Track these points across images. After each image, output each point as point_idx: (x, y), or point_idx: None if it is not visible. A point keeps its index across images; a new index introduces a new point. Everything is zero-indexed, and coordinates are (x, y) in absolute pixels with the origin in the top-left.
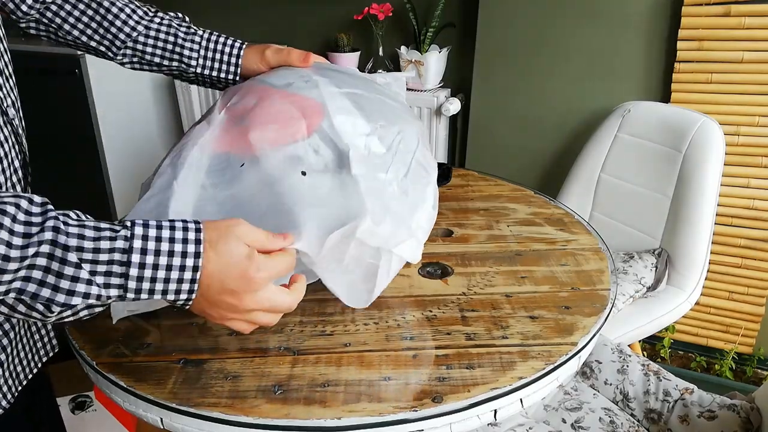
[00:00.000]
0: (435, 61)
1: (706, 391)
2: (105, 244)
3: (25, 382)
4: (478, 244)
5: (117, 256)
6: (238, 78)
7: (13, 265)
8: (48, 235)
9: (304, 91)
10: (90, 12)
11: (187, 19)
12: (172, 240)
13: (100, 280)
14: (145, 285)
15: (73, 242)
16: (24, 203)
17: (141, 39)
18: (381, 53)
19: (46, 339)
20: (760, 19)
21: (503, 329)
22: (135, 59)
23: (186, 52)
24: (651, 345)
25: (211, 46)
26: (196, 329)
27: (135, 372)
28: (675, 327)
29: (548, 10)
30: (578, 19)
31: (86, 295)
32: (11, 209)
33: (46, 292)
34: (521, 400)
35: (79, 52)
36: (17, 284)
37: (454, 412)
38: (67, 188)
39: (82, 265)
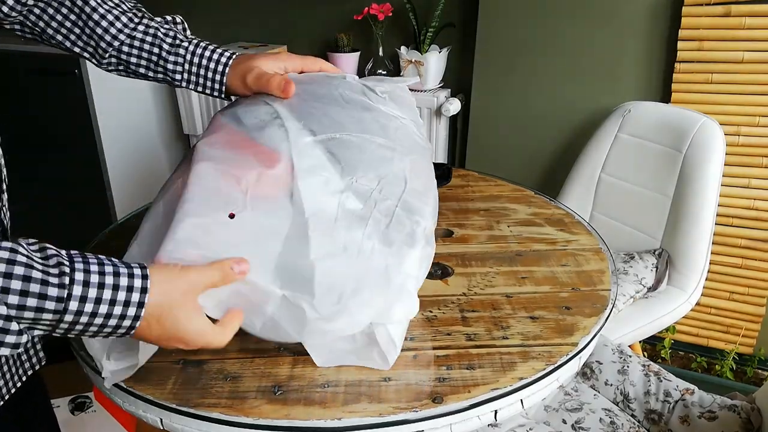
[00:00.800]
0: (435, 61)
1: (706, 392)
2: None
3: (7, 397)
4: (478, 245)
5: (52, 292)
6: (223, 95)
7: None
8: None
9: (272, 142)
10: (72, 17)
11: (179, 20)
12: (115, 287)
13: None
14: (78, 327)
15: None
16: None
17: (125, 49)
18: (381, 53)
19: (32, 351)
20: (761, 19)
21: (503, 330)
22: (120, 67)
23: (170, 66)
24: (651, 345)
25: (196, 60)
26: None
27: (135, 372)
28: (675, 327)
29: (548, 10)
30: (578, 19)
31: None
32: None
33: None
34: (522, 400)
35: None
36: None
37: (455, 412)
38: (66, 188)
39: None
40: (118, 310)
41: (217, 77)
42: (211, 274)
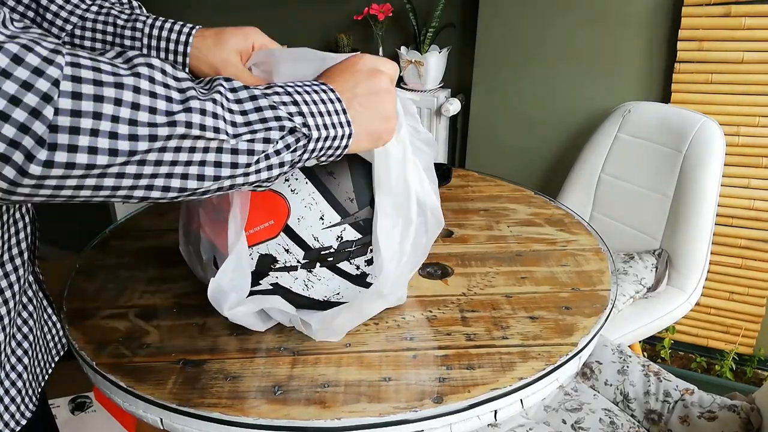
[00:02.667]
0: (435, 61)
1: (706, 392)
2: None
3: (43, 384)
4: (478, 245)
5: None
6: (187, 70)
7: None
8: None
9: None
10: (23, 3)
11: (135, 4)
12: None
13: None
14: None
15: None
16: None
17: (78, 32)
18: (381, 54)
19: (57, 338)
20: (760, 20)
21: (503, 330)
22: (86, 42)
23: (127, 42)
24: (651, 345)
25: (155, 32)
26: (195, 330)
27: (135, 372)
28: (675, 328)
29: (548, 10)
30: (578, 19)
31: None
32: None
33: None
34: (521, 400)
35: None
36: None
37: (455, 412)
38: None
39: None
40: (318, 94)
41: (180, 48)
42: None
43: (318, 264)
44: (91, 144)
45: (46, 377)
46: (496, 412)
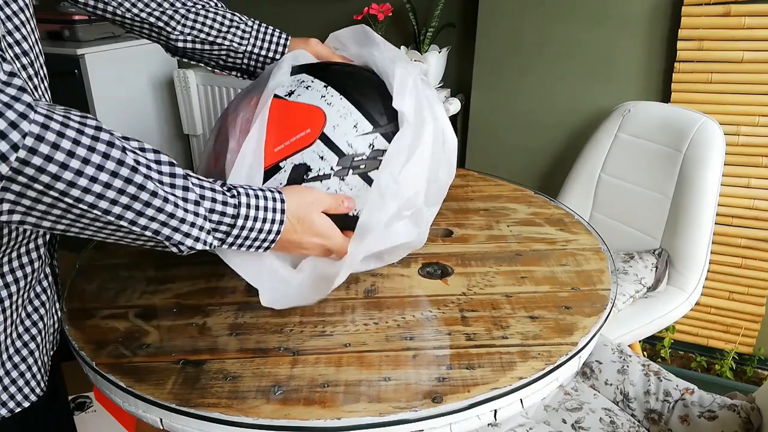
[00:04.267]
0: (435, 61)
1: (706, 392)
2: (219, 207)
3: (48, 367)
4: (478, 245)
5: (227, 220)
6: None
7: (157, 203)
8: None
9: (304, 98)
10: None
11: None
12: (265, 209)
13: (216, 235)
14: (239, 241)
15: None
16: (151, 155)
17: (201, 12)
18: None
19: (56, 327)
20: (760, 19)
21: (503, 329)
22: (189, 38)
23: (239, 32)
24: (651, 345)
25: (261, 28)
26: (195, 330)
27: (134, 372)
28: (675, 327)
29: (548, 10)
30: (578, 19)
31: (197, 240)
32: (151, 155)
33: (177, 237)
34: (521, 400)
35: (79, 52)
36: (154, 225)
37: (454, 412)
38: None
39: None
40: (269, 215)
41: (280, 49)
42: (329, 199)
43: (350, 171)
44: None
45: (48, 364)
46: (495, 411)
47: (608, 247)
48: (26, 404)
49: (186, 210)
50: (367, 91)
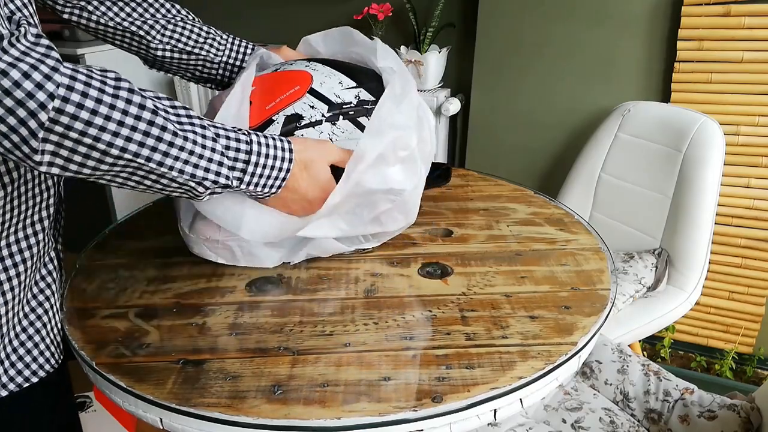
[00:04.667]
0: (435, 61)
1: (706, 391)
2: (234, 144)
3: (60, 347)
4: (477, 244)
5: (242, 156)
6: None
7: (178, 142)
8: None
9: (293, 67)
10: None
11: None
12: (275, 147)
13: (234, 173)
14: (254, 179)
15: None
16: (166, 101)
17: (180, 24)
18: None
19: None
20: (760, 19)
21: (503, 329)
22: (168, 47)
23: (215, 44)
24: (651, 345)
25: (236, 41)
26: (195, 329)
27: (134, 372)
28: (675, 327)
29: (548, 10)
30: (578, 19)
31: (227, 179)
32: (166, 101)
33: (200, 173)
34: (521, 400)
35: (79, 52)
36: (179, 164)
37: (454, 411)
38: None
39: (224, 155)
40: (279, 154)
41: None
42: (337, 151)
43: (341, 117)
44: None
45: (62, 356)
46: (495, 411)
47: (608, 247)
48: (35, 380)
49: (204, 146)
50: (348, 64)
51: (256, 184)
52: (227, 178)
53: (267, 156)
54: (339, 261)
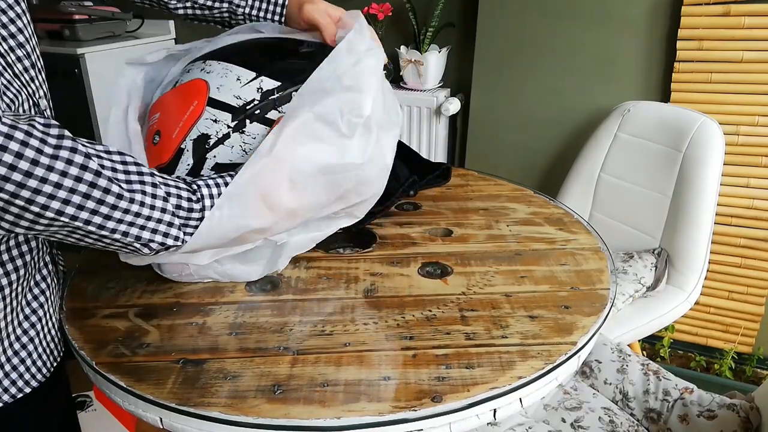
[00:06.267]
0: (435, 61)
1: (705, 391)
2: (185, 203)
3: (58, 354)
4: (477, 244)
5: (196, 215)
6: (283, 19)
7: (123, 205)
8: (149, 189)
9: (189, 76)
10: None
11: None
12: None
13: (186, 229)
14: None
15: (169, 190)
16: (117, 156)
17: None
18: None
19: (54, 344)
20: (760, 19)
21: (503, 329)
22: (189, 3)
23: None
24: (651, 344)
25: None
26: (195, 329)
27: (134, 372)
28: (675, 326)
29: (548, 10)
30: (578, 19)
31: (176, 239)
32: (117, 157)
33: (146, 235)
34: (521, 399)
35: (79, 51)
36: (123, 227)
37: (454, 411)
38: None
39: (175, 216)
40: None
41: (279, 2)
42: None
43: (247, 121)
44: None
45: (54, 364)
46: (495, 411)
47: (608, 247)
48: (27, 390)
49: (153, 207)
50: (250, 50)
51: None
52: (176, 238)
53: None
54: (339, 261)
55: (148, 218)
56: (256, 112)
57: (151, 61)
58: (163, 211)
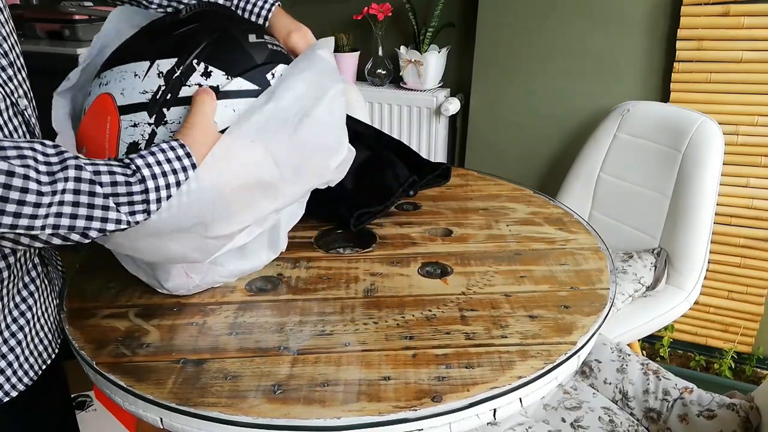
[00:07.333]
0: (434, 61)
1: (705, 391)
2: (120, 179)
3: (39, 370)
4: (477, 244)
5: (136, 188)
6: (267, 23)
7: (45, 200)
8: (71, 172)
9: (91, 97)
10: None
11: None
12: (169, 161)
13: (124, 209)
14: (162, 196)
15: (95, 177)
16: (39, 146)
17: None
18: (380, 53)
19: (47, 343)
20: (759, 19)
21: (502, 329)
22: (165, 2)
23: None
24: (650, 344)
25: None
26: (195, 329)
27: (134, 372)
28: (674, 326)
29: (548, 10)
30: (578, 19)
31: (118, 222)
32: (30, 153)
33: (80, 223)
34: (520, 399)
35: (79, 51)
36: (51, 220)
37: (454, 411)
38: None
39: (109, 198)
40: (177, 166)
41: (267, 5)
42: (196, 110)
43: (164, 110)
44: None
45: (42, 367)
46: (495, 410)
47: (607, 247)
48: (14, 393)
49: (93, 194)
50: (134, 42)
51: (169, 197)
52: (117, 221)
53: (165, 174)
54: (339, 261)
55: (76, 205)
56: (168, 97)
57: (74, 80)
58: (92, 194)
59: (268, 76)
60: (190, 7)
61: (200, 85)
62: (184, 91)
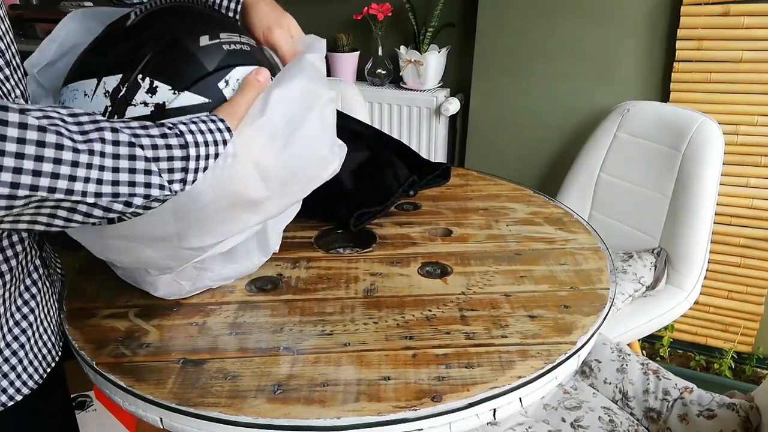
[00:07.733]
0: (434, 61)
1: (705, 390)
2: (160, 142)
3: (43, 373)
4: (477, 244)
5: (177, 153)
6: (237, 15)
7: (83, 159)
8: (108, 134)
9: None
10: None
11: None
12: (211, 131)
13: (165, 177)
14: (201, 167)
15: (135, 140)
16: (62, 109)
17: None
18: (380, 53)
19: (52, 345)
20: (759, 19)
21: (502, 328)
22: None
23: None
24: (650, 344)
25: None
26: (195, 329)
27: (134, 372)
28: (674, 326)
29: (548, 10)
30: (577, 19)
31: (161, 187)
32: (55, 114)
33: (123, 189)
34: (520, 399)
35: None
36: (92, 187)
37: (454, 411)
38: None
39: (151, 162)
40: (218, 137)
41: (232, 5)
42: (243, 93)
43: (119, 121)
44: None
45: (47, 370)
46: (495, 410)
47: (607, 247)
48: (18, 398)
49: (134, 157)
50: (86, 55)
51: (206, 168)
52: (161, 187)
53: (207, 143)
54: (339, 261)
55: (116, 170)
56: (116, 118)
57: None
58: (133, 158)
59: (221, 84)
60: (143, 8)
61: (146, 104)
62: (131, 111)
